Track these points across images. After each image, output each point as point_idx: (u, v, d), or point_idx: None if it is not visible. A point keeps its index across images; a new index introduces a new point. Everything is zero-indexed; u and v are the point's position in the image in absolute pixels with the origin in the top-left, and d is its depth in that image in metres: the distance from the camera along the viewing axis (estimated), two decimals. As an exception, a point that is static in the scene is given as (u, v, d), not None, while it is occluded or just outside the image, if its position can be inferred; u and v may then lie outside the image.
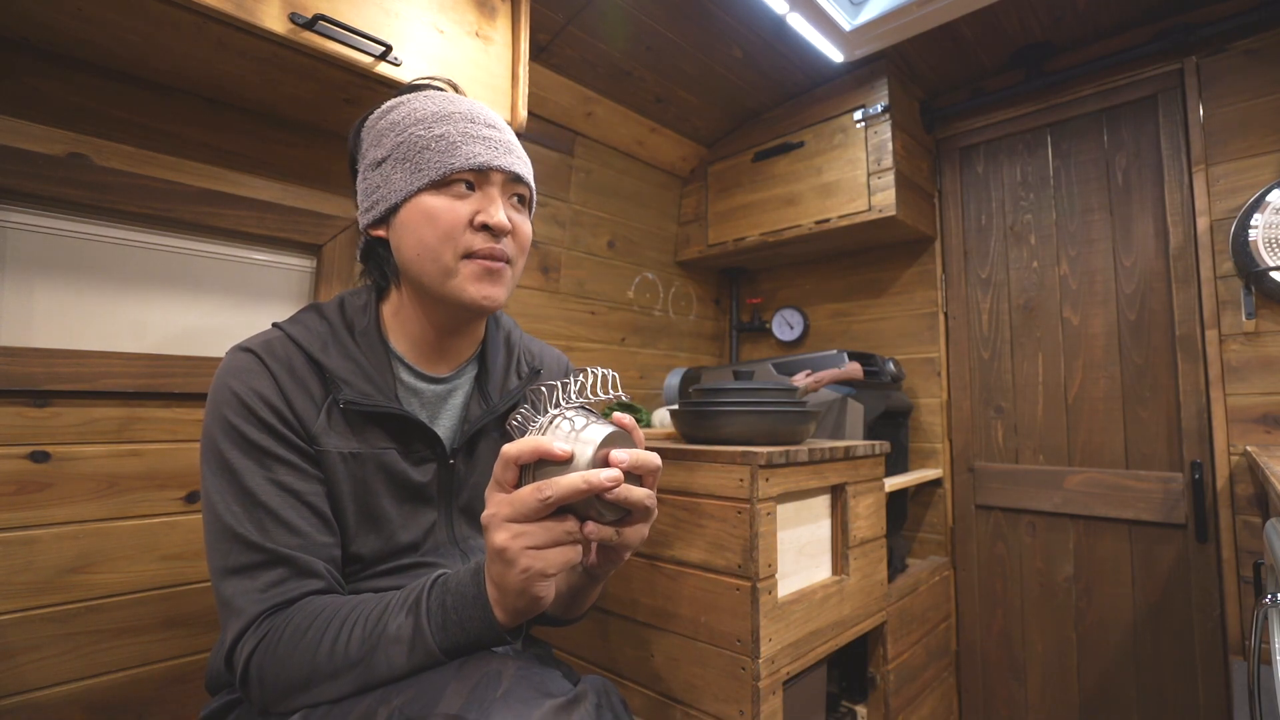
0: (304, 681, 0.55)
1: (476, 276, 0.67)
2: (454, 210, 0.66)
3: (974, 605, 1.73)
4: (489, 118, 0.71)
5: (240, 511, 0.60)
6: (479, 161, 0.66)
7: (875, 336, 1.91)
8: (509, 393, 0.77)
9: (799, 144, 1.78)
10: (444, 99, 0.70)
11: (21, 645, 0.88)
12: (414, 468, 0.69)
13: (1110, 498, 1.54)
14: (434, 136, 0.67)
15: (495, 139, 0.69)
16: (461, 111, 0.69)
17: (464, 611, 0.54)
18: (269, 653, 0.56)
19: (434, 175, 0.66)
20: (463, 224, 0.66)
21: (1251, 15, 1.36)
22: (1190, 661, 1.42)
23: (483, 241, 0.66)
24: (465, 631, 0.54)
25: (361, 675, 0.54)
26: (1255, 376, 1.35)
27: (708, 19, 1.46)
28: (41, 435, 0.91)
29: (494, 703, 0.51)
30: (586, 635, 1.17)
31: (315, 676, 0.55)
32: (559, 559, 0.51)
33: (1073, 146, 1.66)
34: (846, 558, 1.16)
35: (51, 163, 0.93)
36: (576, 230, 1.76)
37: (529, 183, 0.72)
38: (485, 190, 0.68)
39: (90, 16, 0.84)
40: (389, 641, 0.54)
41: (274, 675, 0.56)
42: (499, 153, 0.68)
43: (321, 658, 0.55)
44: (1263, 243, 1.33)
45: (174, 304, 1.07)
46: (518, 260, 0.71)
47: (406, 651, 0.54)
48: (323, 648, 0.55)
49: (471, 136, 0.67)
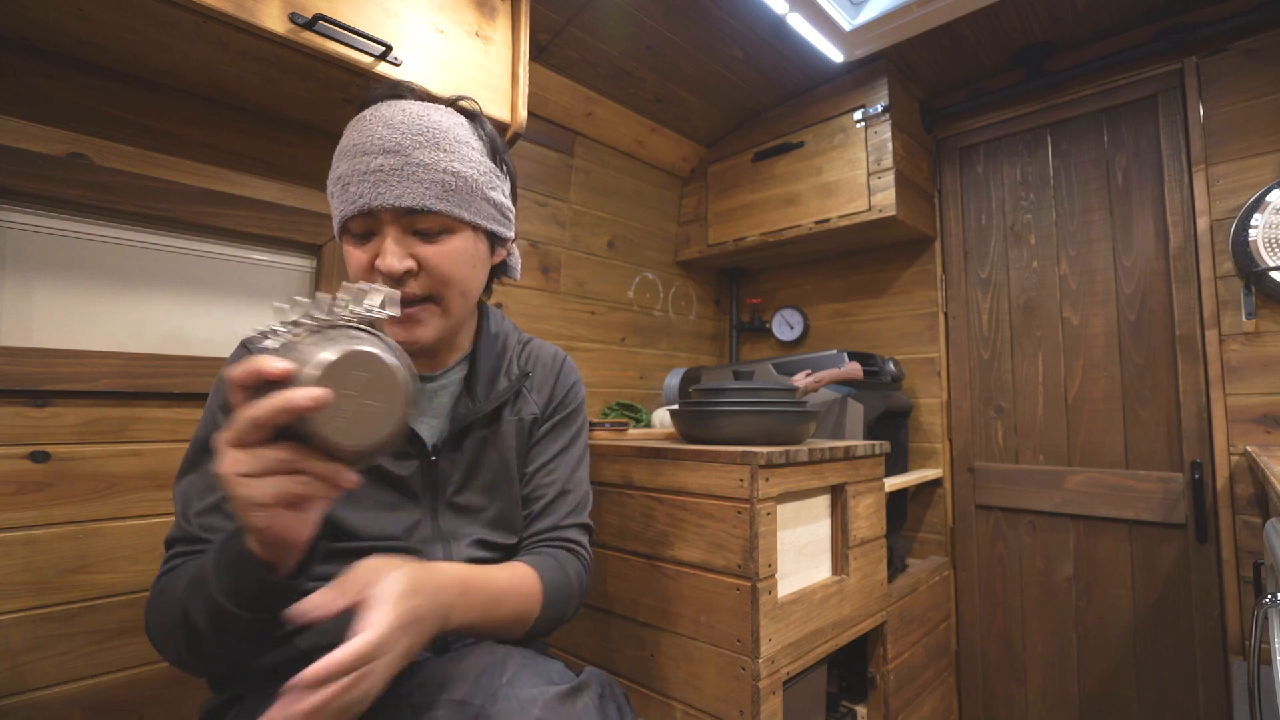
0: (158, 626, 0.59)
1: (390, 320, 0.66)
2: (357, 258, 0.67)
3: (974, 605, 1.73)
4: (390, 140, 0.64)
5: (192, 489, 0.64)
6: (361, 204, 0.64)
7: (875, 336, 1.91)
8: (497, 393, 0.78)
9: (799, 144, 1.77)
10: (359, 124, 0.67)
11: (21, 645, 0.89)
12: (394, 463, 0.71)
13: (1110, 498, 1.54)
14: (337, 178, 0.67)
15: (385, 169, 0.64)
16: (359, 142, 0.65)
17: (228, 543, 0.52)
18: (149, 605, 0.61)
19: (338, 224, 0.68)
20: (365, 271, 0.66)
21: (1251, 15, 1.36)
22: (1190, 661, 1.42)
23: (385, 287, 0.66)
24: (234, 572, 0.51)
25: (181, 623, 0.55)
26: (1255, 376, 1.35)
27: (708, 19, 1.46)
28: (41, 435, 0.91)
29: (499, 689, 0.51)
30: (586, 635, 1.17)
31: (161, 624, 0.58)
32: (272, 489, 0.45)
33: (1073, 146, 1.66)
34: (846, 558, 1.16)
35: (51, 163, 0.93)
36: (576, 230, 1.76)
37: (433, 209, 0.65)
38: (380, 231, 0.66)
39: (90, 16, 0.84)
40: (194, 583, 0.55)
41: (150, 624, 0.60)
42: (386, 187, 0.63)
43: (165, 605, 0.58)
44: (1263, 243, 1.33)
45: (174, 304, 1.07)
46: (443, 292, 0.68)
47: (202, 594, 0.52)
48: (166, 598, 0.58)
49: (359, 174, 0.64)
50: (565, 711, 0.50)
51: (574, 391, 0.88)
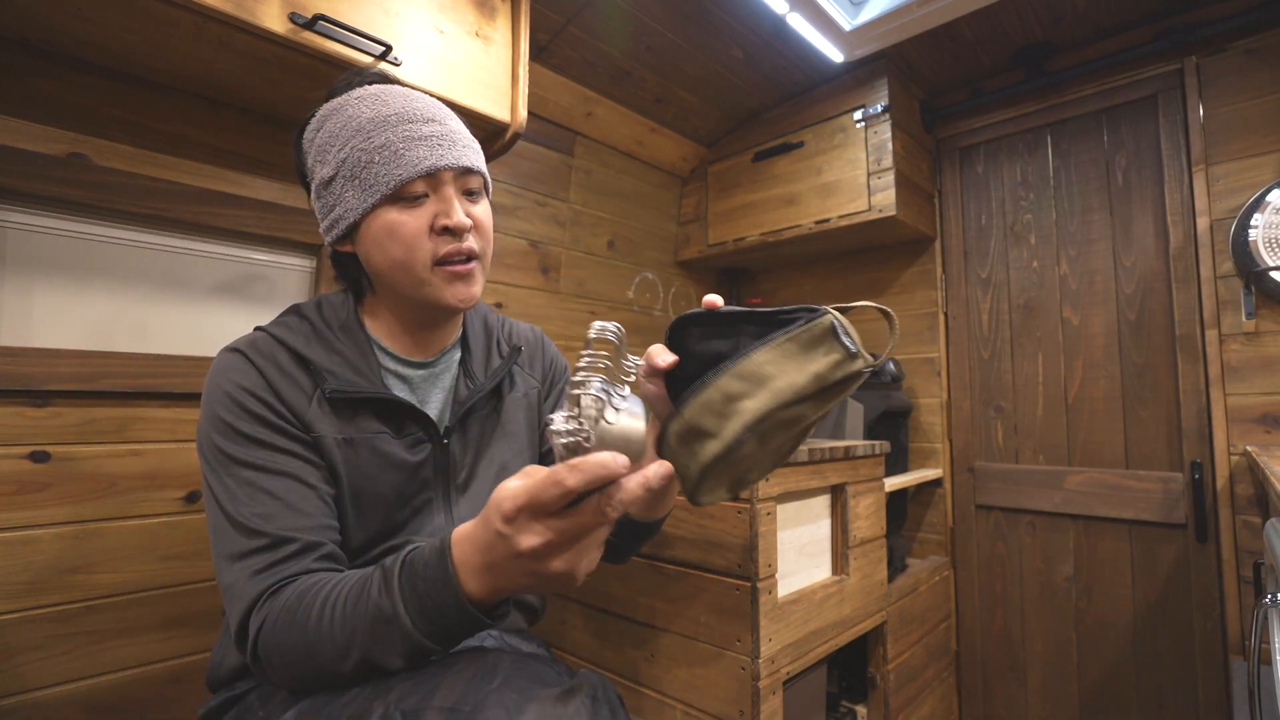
0: (302, 660, 0.55)
1: (449, 281, 0.67)
2: (413, 220, 0.66)
3: (974, 605, 1.73)
4: (427, 111, 0.68)
5: (242, 499, 0.61)
6: (426, 166, 0.65)
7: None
8: (493, 371, 0.79)
9: (799, 144, 1.77)
10: (375, 99, 0.68)
11: (21, 645, 0.89)
12: (407, 449, 0.70)
13: (1110, 498, 1.54)
14: (376, 148, 0.65)
15: (438, 135, 0.67)
16: (396, 112, 0.66)
17: (430, 586, 0.52)
18: (272, 631, 0.56)
19: (385, 190, 0.65)
20: (424, 232, 0.66)
21: (1251, 15, 1.36)
22: (1190, 661, 1.42)
23: (448, 244, 0.66)
24: (445, 619, 0.52)
25: (358, 647, 0.53)
26: (1255, 376, 1.35)
27: (708, 19, 1.46)
28: (41, 435, 0.91)
29: (490, 694, 0.50)
30: (586, 635, 1.17)
31: (312, 656, 0.55)
32: (599, 553, 0.49)
33: (1073, 146, 1.66)
34: (846, 558, 1.16)
35: (51, 163, 0.93)
36: (576, 230, 1.76)
37: (480, 170, 0.70)
38: (439, 192, 0.67)
39: (90, 16, 0.84)
40: (373, 621, 0.53)
41: (278, 653, 0.56)
42: (444, 149, 0.66)
43: (313, 637, 0.54)
44: (1263, 242, 1.32)
45: (174, 304, 1.07)
46: (486, 251, 0.71)
47: (392, 636, 0.52)
48: (310, 624, 0.55)
49: (413, 139, 0.66)
50: (557, 714, 0.50)
51: (560, 360, 0.91)
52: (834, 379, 0.51)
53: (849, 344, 0.52)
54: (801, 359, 0.52)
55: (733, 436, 0.49)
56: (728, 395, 0.51)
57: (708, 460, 0.50)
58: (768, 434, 0.51)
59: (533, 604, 0.84)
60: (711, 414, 0.50)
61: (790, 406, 0.50)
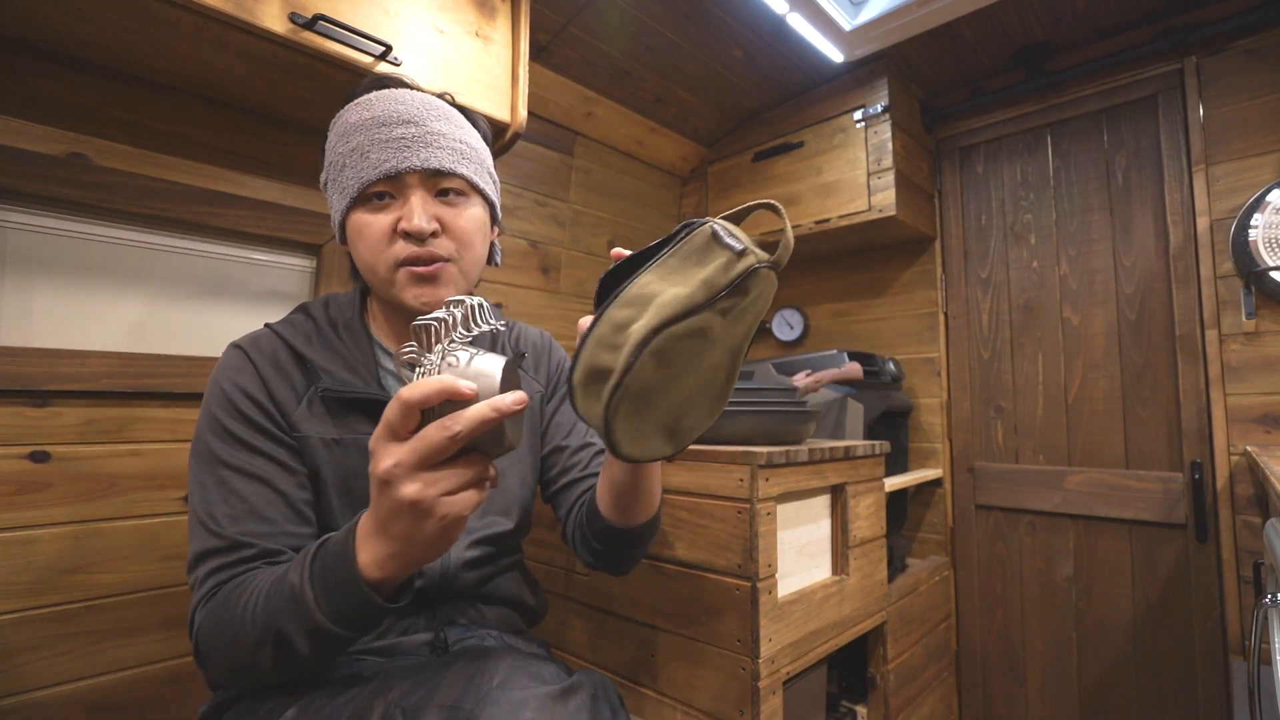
0: (228, 647, 0.56)
1: (410, 283, 0.67)
2: (376, 223, 0.67)
3: (974, 605, 1.73)
4: (407, 113, 0.67)
5: (214, 498, 0.62)
6: (386, 168, 0.65)
7: (875, 336, 1.91)
8: None
9: (799, 144, 1.77)
10: (365, 104, 0.68)
11: (21, 645, 0.89)
12: None
13: (1110, 498, 1.54)
14: (348, 151, 0.67)
15: (408, 137, 0.66)
16: (374, 115, 0.67)
17: (328, 567, 0.52)
18: (205, 624, 0.58)
19: (353, 192, 0.67)
20: (386, 235, 0.67)
21: (1251, 15, 1.36)
22: (1190, 661, 1.42)
23: (408, 248, 0.66)
24: (343, 598, 0.51)
25: (270, 630, 0.53)
26: (1255, 376, 1.35)
27: (708, 19, 1.46)
28: (41, 435, 0.91)
29: (490, 692, 0.51)
30: (586, 635, 1.17)
31: (236, 644, 0.55)
32: (473, 500, 0.48)
33: (1073, 146, 1.66)
34: (846, 558, 1.16)
35: (51, 163, 0.93)
36: (576, 230, 1.76)
37: (458, 171, 0.68)
38: (403, 194, 0.67)
39: (90, 16, 0.84)
40: (285, 601, 0.53)
41: (210, 646, 0.57)
42: (410, 152, 0.66)
43: (237, 624, 0.55)
44: (1263, 242, 1.32)
45: (174, 304, 1.07)
46: (463, 254, 0.70)
47: (298, 616, 0.52)
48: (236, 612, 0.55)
49: (380, 142, 0.66)
50: (557, 713, 0.50)
51: (566, 363, 0.91)
52: (725, 281, 0.50)
53: (733, 244, 0.51)
54: (687, 271, 0.51)
55: (624, 362, 0.48)
56: (617, 324, 0.50)
57: (608, 395, 0.49)
58: (668, 354, 0.49)
59: (532, 604, 0.84)
60: (605, 348, 0.49)
61: (684, 319, 0.48)
